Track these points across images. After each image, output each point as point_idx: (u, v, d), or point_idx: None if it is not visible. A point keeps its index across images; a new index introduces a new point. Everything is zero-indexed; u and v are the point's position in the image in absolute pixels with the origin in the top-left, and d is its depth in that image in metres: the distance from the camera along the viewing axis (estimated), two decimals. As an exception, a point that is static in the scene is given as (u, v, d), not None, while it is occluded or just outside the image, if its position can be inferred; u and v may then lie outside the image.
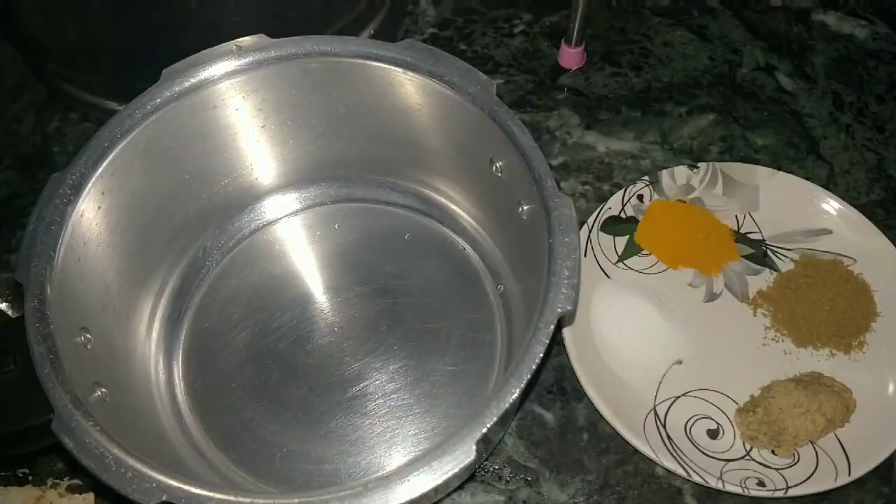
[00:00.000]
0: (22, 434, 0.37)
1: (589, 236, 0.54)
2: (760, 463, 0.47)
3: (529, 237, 0.41)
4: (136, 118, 0.43)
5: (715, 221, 0.56)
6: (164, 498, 0.33)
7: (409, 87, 0.45)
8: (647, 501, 0.46)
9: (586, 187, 0.59)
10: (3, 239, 0.57)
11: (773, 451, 0.47)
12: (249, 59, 0.45)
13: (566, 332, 0.49)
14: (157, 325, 0.49)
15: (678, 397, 0.49)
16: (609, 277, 0.54)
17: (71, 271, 0.40)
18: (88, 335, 0.40)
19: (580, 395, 0.49)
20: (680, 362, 0.51)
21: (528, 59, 0.66)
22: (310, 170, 0.53)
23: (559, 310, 0.36)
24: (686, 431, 0.48)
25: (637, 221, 0.56)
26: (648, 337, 0.51)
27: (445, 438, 0.34)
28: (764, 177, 0.57)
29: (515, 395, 0.35)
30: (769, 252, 0.55)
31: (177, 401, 0.48)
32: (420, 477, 0.33)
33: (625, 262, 0.55)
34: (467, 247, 0.53)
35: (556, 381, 0.50)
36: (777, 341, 0.52)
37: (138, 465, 0.33)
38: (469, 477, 0.47)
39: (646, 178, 0.57)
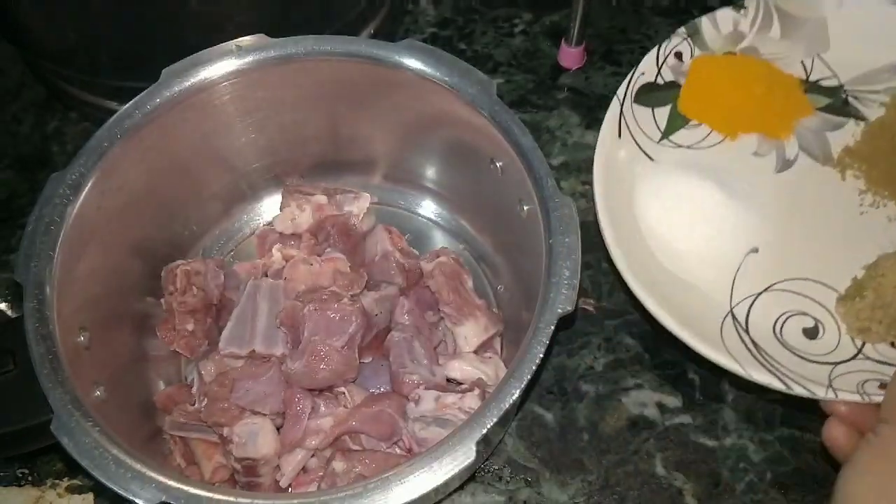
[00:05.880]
0: (21, 434, 0.37)
1: (622, 111, 0.44)
2: (878, 360, 0.38)
3: (529, 237, 0.41)
4: (136, 118, 0.43)
5: (776, 72, 0.46)
6: (163, 498, 0.33)
7: (408, 86, 0.45)
8: (647, 501, 0.46)
9: (587, 187, 0.59)
10: (2, 239, 0.57)
11: (892, 344, 0.38)
12: (249, 59, 0.44)
13: (608, 236, 0.41)
14: (156, 325, 0.49)
15: (759, 294, 0.41)
16: (652, 160, 0.44)
17: (70, 271, 0.40)
18: (88, 335, 0.40)
19: (580, 394, 0.49)
20: (756, 251, 0.42)
21: (529, 59, 0.66)
22: (310, 170, 0.53)
23: (559, 310, 0.36)
24: (776, 334, 0.39)
25: (678, 86, 0.46)
26: (712, 225, 0.42)
27: (445, 439, 0.34)
28: (830, 6, 0.45)
29: (515, 396, 0.35)
30: (850, 99, 0.45)
31: (176, 401, 0.48)
32: (420, 477, 0.33)
33: (670, 138, 0.45)
34: (467, 247, 0.53)
35: (556, 381, 0.50)
36: (876, 207, 0.42)
37: (137, 465, 0.33)
38: (469, 477, 0.47)
39: (682, 30, 0.45)
